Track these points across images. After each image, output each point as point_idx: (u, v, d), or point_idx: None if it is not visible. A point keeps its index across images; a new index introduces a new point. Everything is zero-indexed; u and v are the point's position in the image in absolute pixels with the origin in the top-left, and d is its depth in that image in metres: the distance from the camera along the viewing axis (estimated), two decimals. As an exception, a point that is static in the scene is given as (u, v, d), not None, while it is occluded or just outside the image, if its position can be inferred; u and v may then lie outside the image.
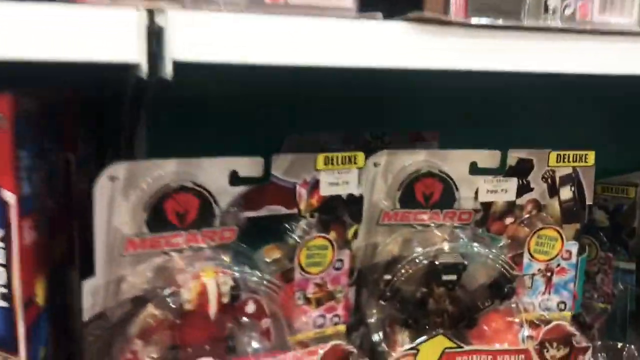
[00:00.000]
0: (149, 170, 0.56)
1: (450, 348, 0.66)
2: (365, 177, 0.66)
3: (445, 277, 0.66)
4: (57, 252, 0.64)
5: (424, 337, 0.67)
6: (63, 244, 0.66)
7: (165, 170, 0.57)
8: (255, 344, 0.62)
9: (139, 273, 0.57)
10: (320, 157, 0.63)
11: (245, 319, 0.62)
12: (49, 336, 0.57)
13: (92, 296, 0.56)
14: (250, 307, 0.61)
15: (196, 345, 0.59)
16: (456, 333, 0.68)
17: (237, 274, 0.59)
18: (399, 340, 0.69)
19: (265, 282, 0.61)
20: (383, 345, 0.68)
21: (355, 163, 0.64)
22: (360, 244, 0.68)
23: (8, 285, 0.48)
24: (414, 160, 0.68)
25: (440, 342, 0.66)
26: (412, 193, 0.68)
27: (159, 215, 0.56)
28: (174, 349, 0.58)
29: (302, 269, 0.64)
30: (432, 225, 0.69)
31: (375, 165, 0.67)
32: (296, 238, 0.65)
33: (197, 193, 0.58)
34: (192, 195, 0.57)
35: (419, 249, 0.68)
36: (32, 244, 0.52)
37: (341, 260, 0.66)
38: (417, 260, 0.67)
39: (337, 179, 0.65)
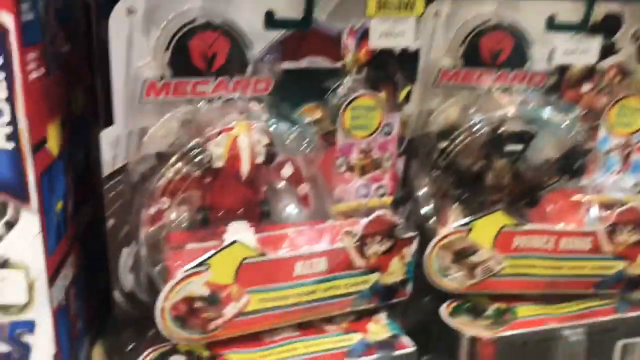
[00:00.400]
0: (172, 3, 0.48)
1: (509, 226, 0.59)
2: (423, 28, 0.57)
3: (508, 148, 0.58)
4: (78, 103, 0.58)
5: (478, 214, 0.59)
6: (84, 96, 0.60)
7: (192, 4, 0.49)
8: (291, 211, 0.56)
9: (163, 124, 0.51)
10: (372, 2, 0.54)
11: (281, 183, 0.56)
12: (67, 190, 0.52)
13: (112, 148, 0.50)
14: (287, 170, 0.55)
15: (228, 207, 0.54)
16: (515, 212, 0.61)
17: (273, 131, 0.52)
18: (450, 217, 0.62)
19: (305, 142, 0.54)
20: (433, 220, 0.61)
21: (412, 9, 0.55)
22: (412, 109, 0.60)
23: (13, 123, 0.42)
24: (481, 10, 0.58)
25: (498, 219, 0.59)
26: (477, 49, 0.59)
27: (183, 57, 0.49)
28: (203, 211, 0.53)
29: (346, 131, 0.57)
30: (498, 88, 0.60)
31: (436, 14, 0.58)
32: (340, 97, 0.57)
33: (227, 33, 0.50)
34: (222, 34, 0.50)
35: (481, 116, 0.59)
36: (41, 81, 0.45)
37: (390, 125, 0.58)
38: (477, 127, 0.58)
39: (390, 28, 0.55)
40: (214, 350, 0.53)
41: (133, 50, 0.48)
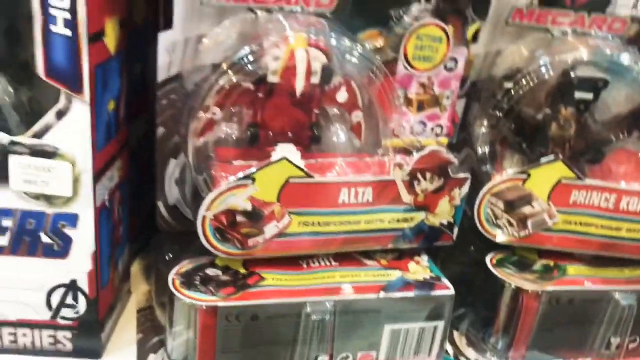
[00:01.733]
0: None
1: (568, 179, 0.56)
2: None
3: (578, 95, 0.55)
4: (140, 12, 0.58)
5: (537, 162, 0.57)
6: (146, 6, 0.59)
7: None
8: (342, 139, 0.55)
9: (220, 32, 0.50)
10: None
11: (334, 108, 0.54)
12: (121, 92, 0.51)
13: (168, 53, 0.49)
14: (342, 95, 0.53)
15: (278, 127, 0.53)
16: (576, 166, 0.57)
17: (331, 50, 0.50)
18: (506, 164, 0.59)
19: (364, 66, 0.52)
20: (488, 165, 0.58)
21: None
22: (479, 49, 0.57)
23: (72, 10, 0.42)
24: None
25: (557, 170, 0.56)
26: (555, -13, 0.55)
27: None
28: (254, 127, 0.52)
29: (407, 61, 0.54)
30: (574, 32, 0.56)
31: (514, -52, 0.54)
32: (405, 25, 0.54)
33: None
34: None
35: (551, 58, 0.56)
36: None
37: (455, 60, 0.55)
38: (546, 70, 0.55)
39: (466, -44, 0.53)
40: (251, 268, 0.53)
41: None
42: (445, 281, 0.55)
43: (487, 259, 0.59)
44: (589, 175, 0.57)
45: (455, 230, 0.57)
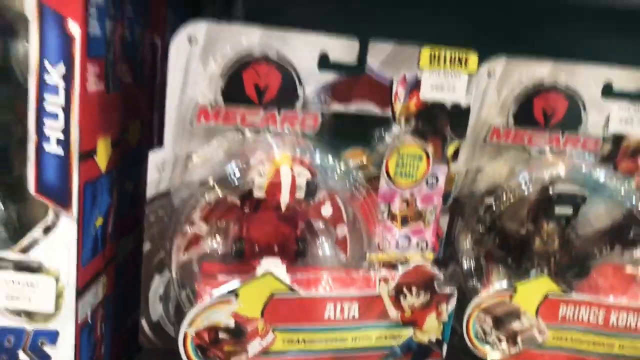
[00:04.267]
0: (231, 35, 0.50)
1: (555, 293, 0.56)
2: (475, 85, 0.57)
3: (558, 210, 0.56)
4: (134, 135, 0.60)
5: (523, 277, 0.57)
6: (141, 129, 0.62)
7: (249, 39, 0.51)
8: (327, 253, 0.55)
9: (210, 151, 0.52)
10: (425, 52, 0.54)
11: (319, 222, 0.55)
12: (110, 209, 0.52)
13: (158, 171, 0.51)
14: (327, 210, 0.55)
15: (264, 241, 0.53)
16: (562, 281, 0.58)
17: (315, 167, 0.52)
18: (493, 279, 0.59)
19: (348, 182, 0.54)
20: (474, 280, 0.58)
21: (465, 66, 0.55)
22: (459, 167, 0.59)
23: (65, 130, 0.44)
24: (536, 71, 0.58)
25: (544, 285, 0.56)
26: (530, 109, 0.58)
27: (236, 86, 0.50)
28: (240, 242, 0.53)
29: (389, 177, 0.56)
30: (550, 150, 0.58)
31: (490, 74, 0.58)
32: (386, 145, 0.56)
33: (281, 67, 0.51)
34: (275, 68, 0.51)
35: (530, 175, 0.57)
36: (97, 95, 0.47)
37: (436, 177, 0.57)
38: (525, 187, 0.57)
39: (442, 81, 0.56)
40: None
41: (189, 76, 0.50)
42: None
43: (479, 379, 0.57)
44: (577, 290, 0.57)
45: (445, 347, 0.56)
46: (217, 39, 0.50)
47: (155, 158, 0.51)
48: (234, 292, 0.49)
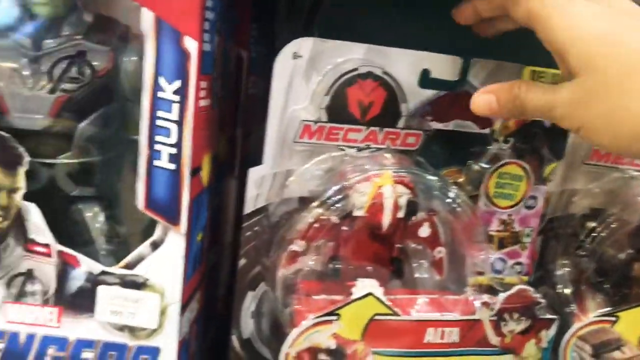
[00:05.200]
0: (336, 51, 0.49)
1: (660, 322, 0.54)
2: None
3: (662, 238, 0.54)
4: (222, 150, 0.60)
5: (627, 305, 0.55)
6: (227, 145, 0.62)
7: (354, 55, 0.49)
8: (423, 274, 0.54)
9: (309, 168, 0.51)
10: (527, 71, 0.53)
11: (416, 243, 0.54)
12: (206, 224, 0.52)
13: (256, 187, 0.50)
14: (425, 230, 0.53)
15: (359, 261, 0.52)
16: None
17: (417, 186, 0.51)
18: (589, 305, 0.57)
19: (450, 200, 0.52)
20: (573, 306, 0.56)
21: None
22: (554, 187, 0.58)
23: (178, 145, 0.44)
24: None
25: (649, 314, 0.54)
26: None
27: (340, 103, 0.50)
28: (335, 261, 0.52)
29: (488, 198, 0.55)
30: (649, 174, 0.56)
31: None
32: (483, 164, 0.55)
33: (386, 84, 0.50)
34: (380, 85, 0.50)
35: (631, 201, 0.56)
36: (206, 111, 0.47)
37: (534, 198, 0.56)
38: (627, 213, 0.55)
39: (543, 100, 0.54)
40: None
41: (292, 92, 0.49)
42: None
43: (576, 408, 0.55)
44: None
45: None
46: (322, 55, 0.49)
47: (255, 174, 0.50)
48: (335, 314, 0.48)
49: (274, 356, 0.51)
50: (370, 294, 0.48)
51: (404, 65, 0.51)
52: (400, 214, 0.50)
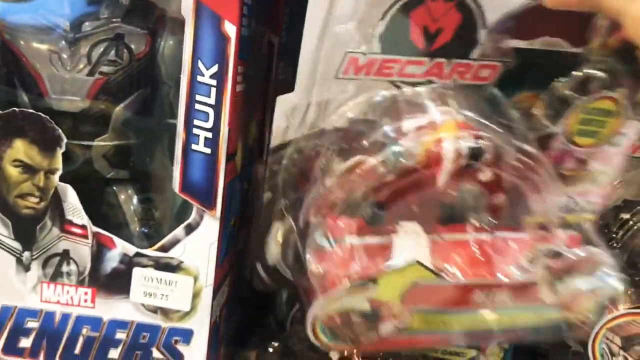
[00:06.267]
0: None
1: (691, 316, 0.53)
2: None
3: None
4: (252, 135, 0.60)
5: (657, 297, 0.54)
6: (256, 130, 0.62)
7: None
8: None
9: (355, 105, 0.45)
10: None
11: (475, 188, 0.46)
12: (238, 209, 0.52)
13: (286, 119, 0.45)
14: (485, 174, 0.45)
15: (404, 203, 0.46)
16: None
17: (485, 137, 0.43)
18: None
19: (515, 144, 0.44)
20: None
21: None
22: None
23: (215, 129, 0.44)
24: None
25: (680, 306, 0.53)
26: None
27: (400, 29, 0.41)
28: (378, 207, 0.46)
29: (568, 136, 0.46)
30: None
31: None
32: (569, 89, 0.45)
33: (462, 6, 0.41)
34: (454, 7, 0.41)
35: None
36: (242, 96, 0.47)
37: (623, 134, 0.47)
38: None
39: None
40: None
41: (336, 14, 0.41)
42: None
43: (602, 400, 0.55)
44: None
45: None
46: None
47: (283, 103, 0.45)
48: (374, 280, 0.44)
49: (295, 279, 0.48)
50: (416, 262, 0.44)
51: None
52: (462, 163, 0.43)
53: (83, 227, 0.46)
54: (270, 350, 0.59)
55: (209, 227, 0.45)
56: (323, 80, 0.43)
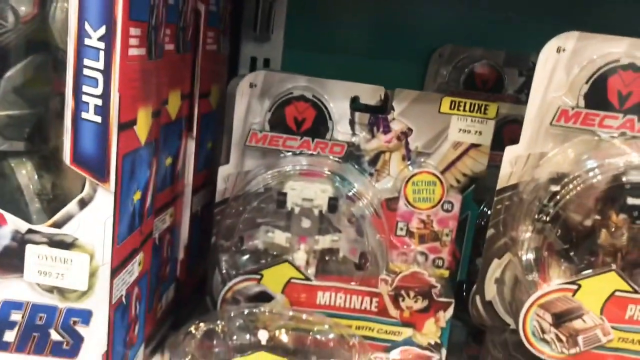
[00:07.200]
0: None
1: (624, 291, 0.51)
2: (543, 63, 0.52)
3: (631, 201, 0.51)
4: (174, 105, 0.57)
5: (589, 271, 0.52)
6: (180, 99, 0.59)
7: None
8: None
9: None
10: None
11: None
12: (148, 183, 0.49)
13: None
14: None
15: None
16: (630, 279, 0.53)
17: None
18: (552, 273, 0.55)
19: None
20: (534, 273, 0.54)
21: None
22: (521, 151, 0.55)
23: (105, 97, 0.41)
24: (609, 49, 0.53)
25: (611, 281, 0.52)
26: (603, 90, 0.53)
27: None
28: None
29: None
30: (622, 135, 0.53)
31: (559, 51, 0.53)
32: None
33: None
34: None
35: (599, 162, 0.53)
36: (139, 60, 0.44)
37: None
38: (593, 174, 0.52)
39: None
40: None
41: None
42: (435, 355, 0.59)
43: (534, 379, 0.53)
44: (645, 289, 0.53)
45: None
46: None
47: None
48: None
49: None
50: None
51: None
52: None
53: (-29, 202, 0.43)
54: (195, 331, 0.56)
55: (103, 202, 0.43)
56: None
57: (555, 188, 0.53)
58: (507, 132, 0.67)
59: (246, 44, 0.85)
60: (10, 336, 0.45)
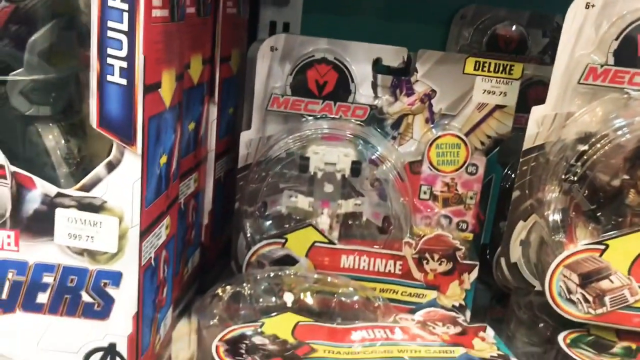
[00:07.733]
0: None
1: (652, 251, 0.51)
2: (571, 18, 0.51)
3: (660, 160, 0.51)
4: (196, 70, 0.57)
5: (616, 232, 0.52)
6: (202, 63, 0.58)
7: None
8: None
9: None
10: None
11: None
12: (173, 147, 0.49)
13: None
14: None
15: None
16: (658, 239, 0.52)
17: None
18: (579, 234, 0.54)
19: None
20: (561, 234, 0.54)
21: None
22: (548, 111, 0.54)
23: (130, 57, 0.41)
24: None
25: (639, 241, 0.51)
26: (631, 46, 0.52)
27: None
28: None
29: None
30: (652, 93, 0.52)
31: (587, 6, 0.52)
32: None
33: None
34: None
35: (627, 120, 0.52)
36: (162, 22, 0.44)
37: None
38: (622, 133, 0.51)
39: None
40: (301, 338, 0.48)
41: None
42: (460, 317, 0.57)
43: (560, 338, 0.53)
44: (674, 249, 0.52)
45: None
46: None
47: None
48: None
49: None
50: None
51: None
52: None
53: (0, 167, 0.43)
54: (222, 294, 0.57)
55: (131, 165, 0.43)
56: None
57: (582, 148, 0.52)
58: (532, 94, 0.66)
59: (265, 8, 0.84)
60: (43, 298, 0.45)
